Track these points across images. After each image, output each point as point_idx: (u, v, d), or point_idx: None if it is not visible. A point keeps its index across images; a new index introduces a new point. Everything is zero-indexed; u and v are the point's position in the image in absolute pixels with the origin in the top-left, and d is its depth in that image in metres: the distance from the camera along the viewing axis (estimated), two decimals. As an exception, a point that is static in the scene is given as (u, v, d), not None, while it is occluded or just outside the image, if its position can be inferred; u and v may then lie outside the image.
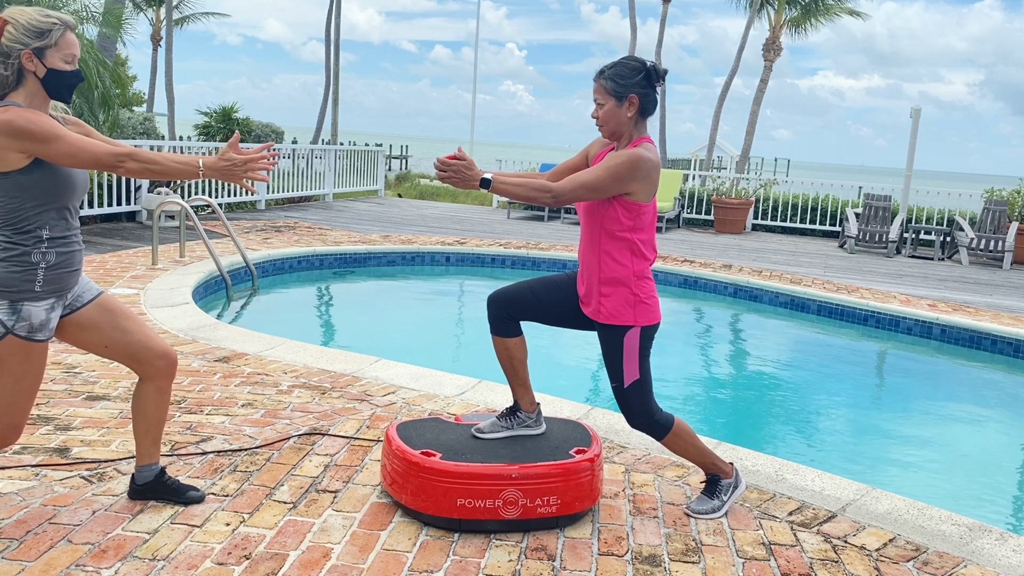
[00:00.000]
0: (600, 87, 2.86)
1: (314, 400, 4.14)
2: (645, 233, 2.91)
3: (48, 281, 2.52)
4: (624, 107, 2.84)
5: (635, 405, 2.97)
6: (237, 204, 12.44)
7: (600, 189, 2.76)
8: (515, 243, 10.32)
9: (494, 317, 3.06)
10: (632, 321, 2.90)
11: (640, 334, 2.91)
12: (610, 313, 2.90)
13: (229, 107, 15.80)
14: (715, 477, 3.15)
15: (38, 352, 2.54)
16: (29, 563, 2.50)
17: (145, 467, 2.92)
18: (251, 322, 6.91)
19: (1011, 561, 2.87)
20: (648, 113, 2.89)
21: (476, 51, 22.97)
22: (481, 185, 2.71)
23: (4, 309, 2.47)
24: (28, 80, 2.48)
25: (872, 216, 12.72)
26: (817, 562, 2.80)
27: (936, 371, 6.91)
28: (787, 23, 21.80)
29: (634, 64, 2.85)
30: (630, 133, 2.89)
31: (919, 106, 13.34)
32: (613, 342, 2.92)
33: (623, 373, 2.93)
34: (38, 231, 2.49)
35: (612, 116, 2.85)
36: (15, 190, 2.43)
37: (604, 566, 2.70)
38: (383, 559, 2.66)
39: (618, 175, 2.75)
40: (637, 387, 2.95)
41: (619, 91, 2.83)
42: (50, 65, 2.48)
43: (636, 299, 2.90)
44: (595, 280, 2.93)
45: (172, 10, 18.47)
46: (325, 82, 21.25)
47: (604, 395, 5.69)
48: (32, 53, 2.45)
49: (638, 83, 2.83)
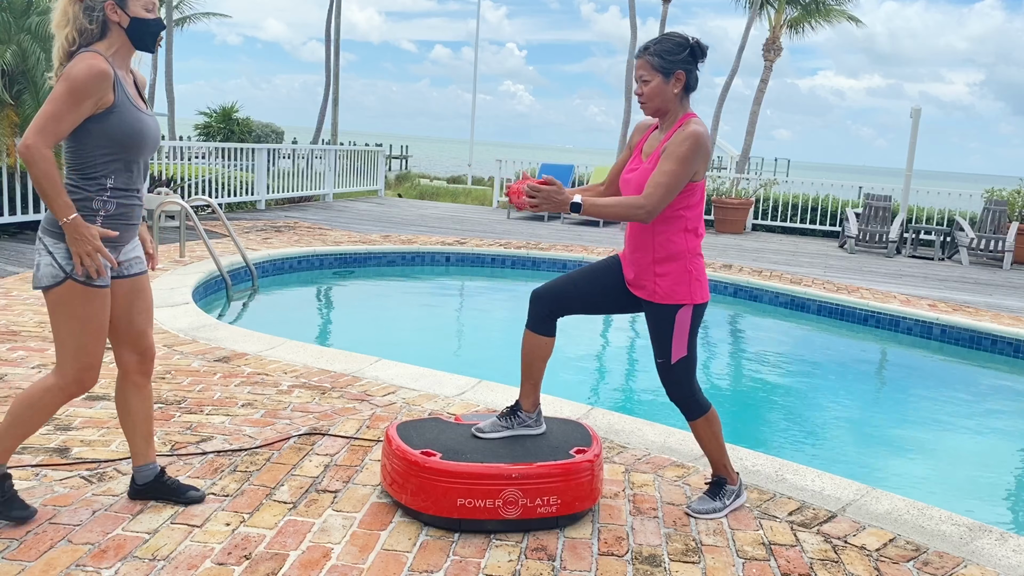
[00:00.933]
0: (646, 63, 2.84)
1: (314, 400, 4.14)
2: (696, 209, 2.92)
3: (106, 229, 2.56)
4: (671, 83, 2.84)
5: (680, 381, 3.00)
6: (237, 204, 12.44)
7: (681, 184, 2.77)
8: (515, 243, 10.32)
9: (536, 313, 3.05)
10: (688, 299, 2.92)
11: (692, 312, 2.94)
12: (666, 293, 2.91)
13: (229, 107, 15.81)
14: (721, 480, 3.15)
15: (100, 297, 2.57)
16: (29, 563, 2.50)
17: (143, 467, 2.92)
18: (251, 322, 6.91)
19: (1011, 561, 2.87)
20: (692, 89, 2.89)
21: (476, 51, 22.96)
22: (572, 208, 2.73)
23: (63, 253, 2.52)
24: (112, 31, 2.54)
25: (872, 216, 12.72)
26: (817, 562, 2.80)
27: (936, 371, 6.91)
28: (787, 23, 21.79)
29: (679, 40, 2.85)
30: (676, 110, 2.88)
31: (919, 106, 13.34)
32: (665, 320, 2.93)
33: (671, 350, 2.95)
34: (103, 179, 2.55)
35: (658, 92, 2.85)
36: (84, 136, 2.50)
37: (604, 566, 2.70)
38: (383, 559, 2.66)
39: (689, 161, 2.76)
40: (683, 364, 2.98)
41: (666, 67, 2.82)
42: (133, 14, 2.54)
43: (691, 276, 2.92)
44: (648, 261, 2.93)
45: (172, 10, 18.46)
46: (325, 82, 21.25)
47: (604, 395, 5.69)
48: (115, 3, 2.51)
49: (684, 59, 2.83)
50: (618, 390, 5.92)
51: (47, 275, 2.53)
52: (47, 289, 2.54)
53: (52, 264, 2.52)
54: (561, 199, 2.72)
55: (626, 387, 6.01)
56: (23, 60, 8.31)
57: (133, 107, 2.58)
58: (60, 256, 2.51)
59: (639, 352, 6.97)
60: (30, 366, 4.39)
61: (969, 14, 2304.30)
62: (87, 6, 2.50)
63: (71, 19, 2.51)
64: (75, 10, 2.51)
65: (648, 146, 2.97)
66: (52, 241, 2.53)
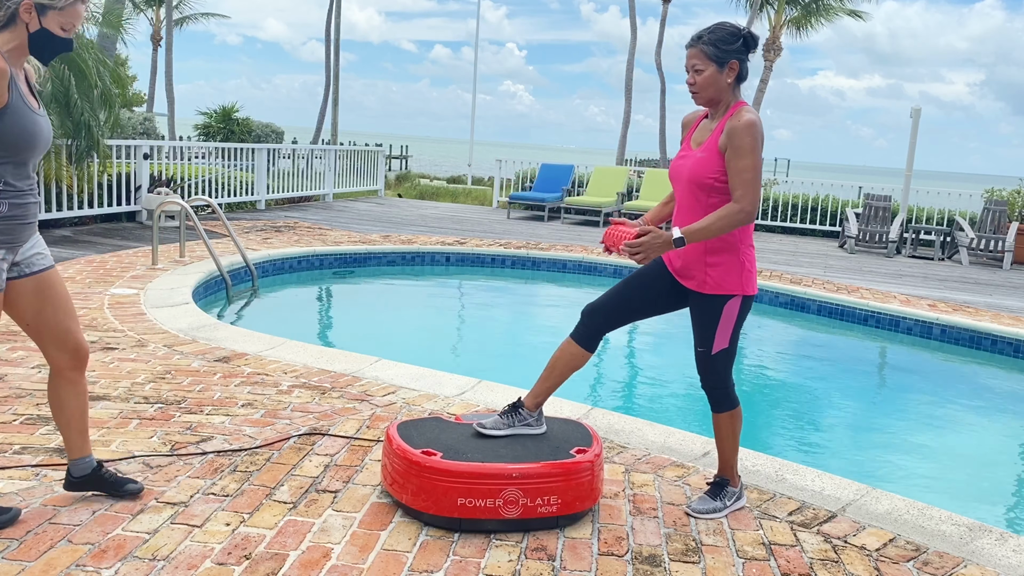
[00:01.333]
0: (699, 52, 2.85)
1: (314, 400, 4.14)
2: None
3: (1, 232, 2.50)
4: (724, 72, 2.85)
5: (717, 371, 3.00)
6: (237, 204, 12.44)
7: (761, 173, 2.80)
8: (515, 243, 10.32)
9: (585, 327, 3.06)
10: (738, 290, 2.92)
11: (740, 303, 2.94)
12: (716, 283, 2.91)
13: (229, 107, 15.81)
14: (723, 480, 3.15)
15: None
16: (29, 563, 2.50)
17: (79, 460, 2.87)
18: (251, 322, 6.91)
19: (1011, 561, 2.87)
20: (743, 79, 2.91)
21: (476, 51, 22.96)
22: (676, 244, 2.78)
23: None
24: (18, 28, 2.45)
25: (872, 216, 12.72)
26: (817, 562, 2.80)
27: (936, 371, 6.91)
28: (787, 23, 21.80)
29: (732, 29, 2.87)
30: (728, 99, 2.90)
31: (919, 106, 13.34)
32: (712, 310, 2.94)
33: (714, 340, 2.96)
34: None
35: (712, 82, 2.86)
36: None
37: (604, 566, 2.70)
38: (383, 559, 2.66)
39: (758, 149, 2.78)
40: (723, 355, 2.98)
41: (720, 56, 2.83)
42: (46, 25, 2.46)
43: (742, 267, 2.92)
44: (700, 251, 2.92)
45: (172, 10, 18.46)
46: (325, 82, 21.25)
47: (604, 395, 5.69)
48: (33, 6, 2.44)
49: (738, 49, 2.85)
50: (618, 390, 5.92)
51: None
52: None
53: None
54: (662, 243, 2.78)
55: (626, 387, 6.01)
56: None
57: (27, 108, 2.50)
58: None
59: (639, 352, 6.98)
60: (30, 366, 4.39)
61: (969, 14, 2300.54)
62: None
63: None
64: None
65: (699, 135, 2.99)
66: None
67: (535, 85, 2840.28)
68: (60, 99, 8.77)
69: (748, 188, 2.76)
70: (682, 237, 2.77)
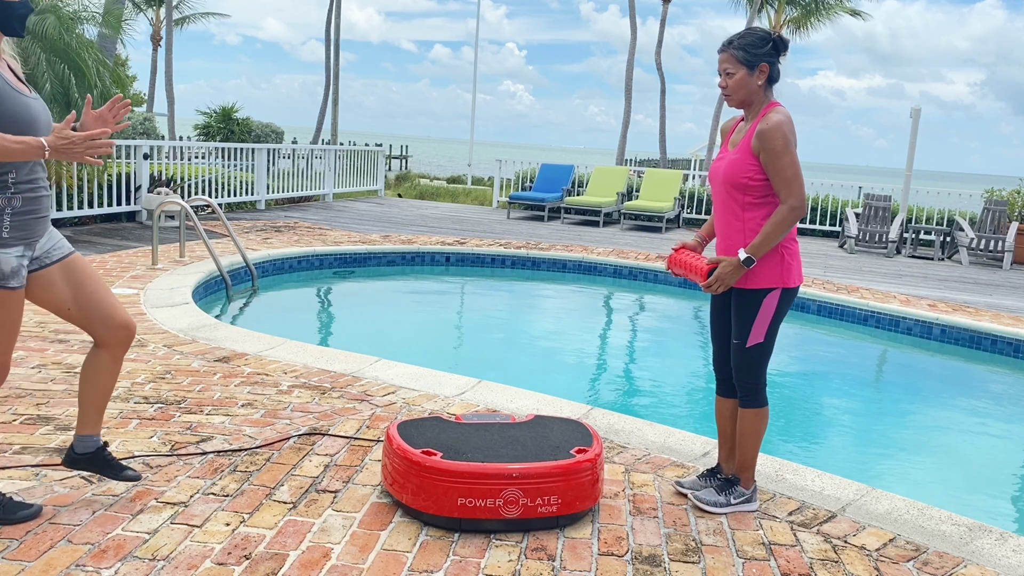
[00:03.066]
0: (730, 57, 2.95)
1: (314, 400, 4.14)
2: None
3: (16, 227, 2.50)
4: (755, 75, 2.94)
5: (751, 363, 3.05)
6: (237, 204, 12.44)
7: (799, 167, 2.91)
8: (515, 243, 10.32)
9: (721, 380, 3.24)
10: (779, 282, 2.97)
11: (780, 296, 2.99)
12: (757, 277, 2.97)
13: (229, 107, 15.81)
14: (735, 479, 3.16)
15: (14, 300, 2.53)
16: (29, 563, 2.50)
17: (87, 437, 2.86)
18: (251, 322, 6.91)
19: (1011, 561, 2.87)
20: (775, 81, 2.99)
21: (476, 51, 22.96)
22: (746, 265, 2.92)
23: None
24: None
25: (872, 216, 12.72)
26: (817, 562, 2.80)
27: (936, 371, 6.91)
28: (787, 23, 21.80)
29: (761, 34, 2.96)
30: (760, 100, 2.98)
31: (919, 106, 13.34)
32: (752, 303, 2.99)
33: (750, 333, 3.01)
34: (3, 176, 2.46)
35: (743, 85, 2.95)
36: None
37: (604, 566, 2.70)
38: (383, 559, 2.66)
39: (790, 146, 2.89)
40: (758, 350, 3.03)
41: (750, 60, 2.93)
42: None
43: (782, 259, 2.98)
44: (741, 245, 2.99)
45: (172, 10, 18.47)
46: (325, 82, 21.24)
47: (604, 395, 5.69)
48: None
49: (767, 52, 2.94)
50: (618, 390, 5.92)
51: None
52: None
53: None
54: (733, 269, 2.92)
55: (626, 387, 6.01)
56: (23, 61, 8.31)
57: (15, 92, 2.48)
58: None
59: (639, 352, 6.97)
60: (30, 366, 4.39)
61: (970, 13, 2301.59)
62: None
63: None
64: None
65: (735, 136, 3.08)
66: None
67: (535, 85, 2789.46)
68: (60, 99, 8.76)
69: (791, 185, 2.90)
70: (750, 256, 2.89)
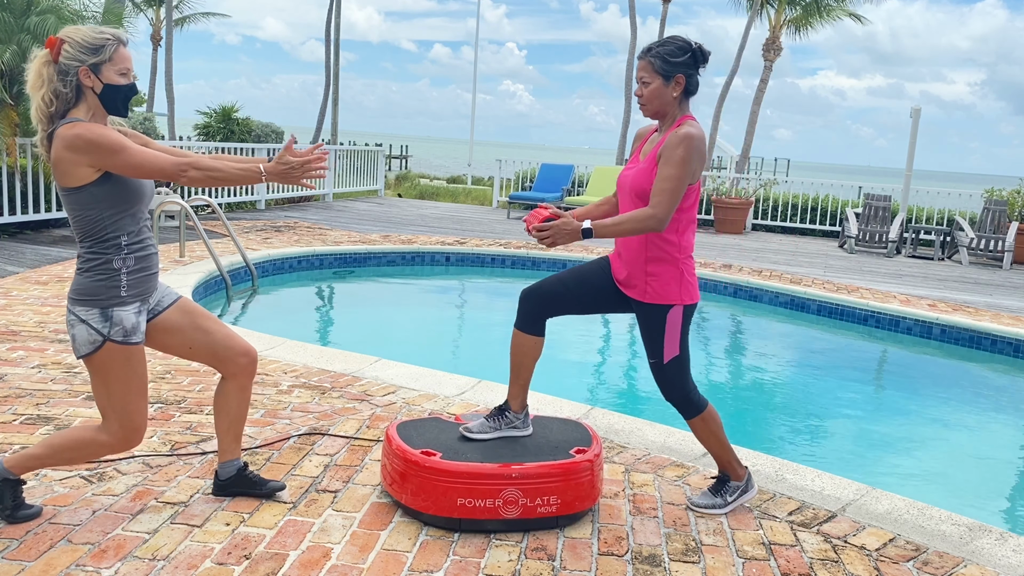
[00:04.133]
0: (647, 65, 2.87)
1: (314, 400, 4.14)
2: (690, 212, 2.94)
3: (131, 285, 2.62)
4: (671, 86, 2.86)
5: (673, 379, 3.01)
6: (237, 204, 12.44)
7: (684, 186, 2.79)
8: (515, 243, 10.32)
9: (526, 312, 3.06)
10: (678, 299, 2.94)
11: (683, 312, 2.96)
12: (657, 293, 2.93)
13: (229, 107, 15.80)
14: (725, 476, 3.16)
15: (137, 355, 2.64)
16: (29, 563, 2.50)
17: (228, 463, 3.00)
18: (251, 322, 6.91)
19: (1011, 561, 2.87)
20: (692, 93, 2.91)
21: (476, 51, 22.95)
22: (584, 235, 2.78)
23: (97, 318, 2.56)
24: (87, 96, 2.55)
25: (872, 216, 12.72)
26: (817, 562, 2.80)
27: (936, 371, 6.91)
28: (787, 23, 21.79)
29: (681, 43, 2.87)
30: (674, 112, 2.91)
31: (919, 106, 13.35)
32: (656, 320, 2.95)
33: (663, 350, 2.97)
34: (117, 239, 2.58)
35: (658, 95, 2.87)
36: (91, 202, 2.52)
37: (604, 566, 2.70)
38: (383, 559, 2.66)
39: (687, 163, 2.78)
40: (676, 363, 2.99)
41: (667, 70, 2.85)
42: (106, 80, 2.55)
43: (681, 276, 2.94)
44: (641, 261, 2.95)
45: (172, 10, 18.46)
46: (325, 82, 21.23)
47: (604, 395, 5.69)
48: (89, 69, 2.52)
49: (685, 63, 2.85)
50: (618, 390, 5.92)
51: (85, 343, 2.57)
52: (88, 356, 2.59)
53: (89, 331, 2.56)
54: (571, 230, 2.79)
55: (626, 387, 6.01)
56: (23, 60, 8.31)
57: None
58: (95, 322, 2.56)
59: (639, 352, 6.97)
60: (30, 366, 4.39)
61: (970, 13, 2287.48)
62: (61, 69, 2.50)
63: (46, 80, 2.51)
64: (49, 72, 2.51)
65: (647, 147, 3.01)
66: (84, 309, 2.56)
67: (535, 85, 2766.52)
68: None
69: (665, 196, 2.77)
70: (591, 229, 2.78)
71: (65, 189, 2.52)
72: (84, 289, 2.57)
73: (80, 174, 2.48)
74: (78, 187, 2.50)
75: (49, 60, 2.52)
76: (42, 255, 7.83)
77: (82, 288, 2.57)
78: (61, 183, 2.52)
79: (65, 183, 2.51)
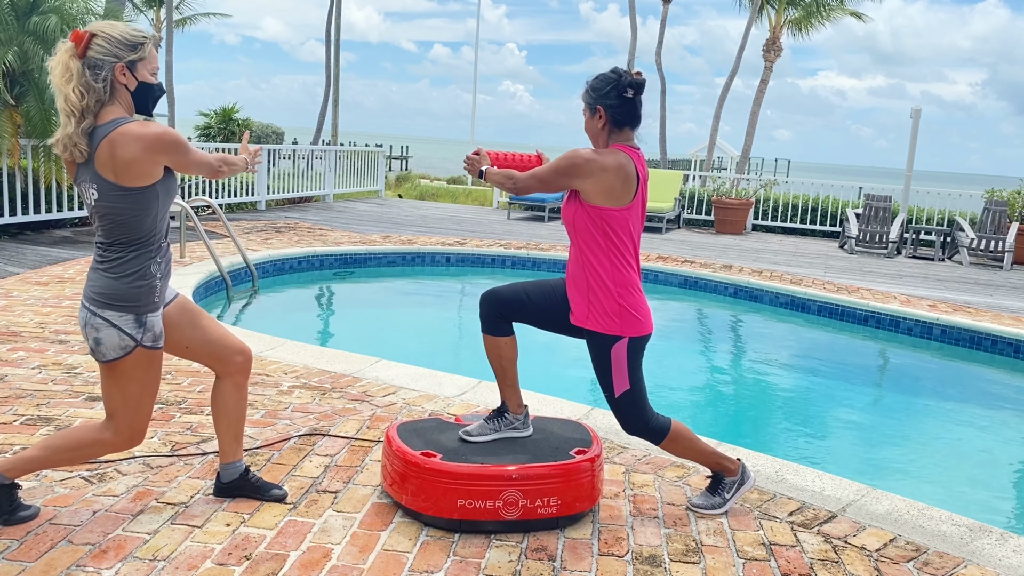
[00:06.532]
0: (583, 95, 2.92)
1: (314, 400, 4.14)
2: (625, 242, 2.86)
3: (160, 290, 2.65)
4: (595, 118, 2.88)
5: (628, 414, 2.99)
6: (237, 205, 12.45)
7: (546, 181, 2.88)
8: (515, 243, 10.32)
9: (486, 315, 3.06)
10: (619, 331, 2.88)
11: (628, 345, 2.89)
12: (598, 322, 2.89)
13: (229, 108, 15.81)
14: (719, 475, 3.16)
15: (159, 358, 2.67)
16: (29, 563, 2.50)
17: (229, 465, 2.99)
18: (251, 323, 6.92)
19: (1011, 561, 2.87)
20: (621, 124, 2.86)
21: (476, 51, 22.95)
22: (479, 175, 3.10)
23: (131, 324, 2.56)
24: (120, 92, 2.53)
25: (872, 216, 12.72)
26: (817, 562, 2.80)
27: (936, 371, 6.91)
28: (788, 23, 21.79)
29: (608, 76, 2.86)
30: (604, 142, 2.89)
31: (919, 106, 13.35)
32: (601, 352, 2.91)
33: (613, 384, 2.93)
34: (160, 240, 2.62)
35: (587, 126, 2.93)
36: (152, 200, 2.54)
37: (604, 566, 2.70)
38: (383, 559, 2.66)
39: (557, 168, 2.84)
40: (628, 397, 2.95)
41: (590, 102, 2.88)
42: (141, 78, 2.55)
43: (621, 309, 2.87)
44: (584, 287, 2.92)
45: (172, 11, 18.47)
46: (325, 82, 21.24)
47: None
48: (126, 66, 2.51)
49: (606, 95, 2.84)
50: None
51: (115, 348, 2.56)
52: (114, 361, 2.58)
53: (121, 336, 2.55)
54: (477, 165, 3.12)
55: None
56: (25, 61, 8.31)
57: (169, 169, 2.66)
58: (129, 327, 2.56)
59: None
60: (30, 366, 4.39)
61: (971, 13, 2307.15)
62: (93, 64, 2.47)
63: (75, 74, 2.46)
64: (77, 66, 2.47)
65: None
66: (116, 314, 2.54)
67: (535, 85, 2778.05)
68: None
69: (527, 177, 2.94)
70: (484, 171, 3.08)
71: (128, 189, 2.47)
72: (118, 294, 2.53)
73: (155, 173, 2.50)
74: (146, 186, 2.49)
75: (75, 54, 2.47)
76: (43, 256, 7.84)
77: (115, 293, 2.53)
78: (129, 183, 2.47)
79: (135, 182, 2.47)
